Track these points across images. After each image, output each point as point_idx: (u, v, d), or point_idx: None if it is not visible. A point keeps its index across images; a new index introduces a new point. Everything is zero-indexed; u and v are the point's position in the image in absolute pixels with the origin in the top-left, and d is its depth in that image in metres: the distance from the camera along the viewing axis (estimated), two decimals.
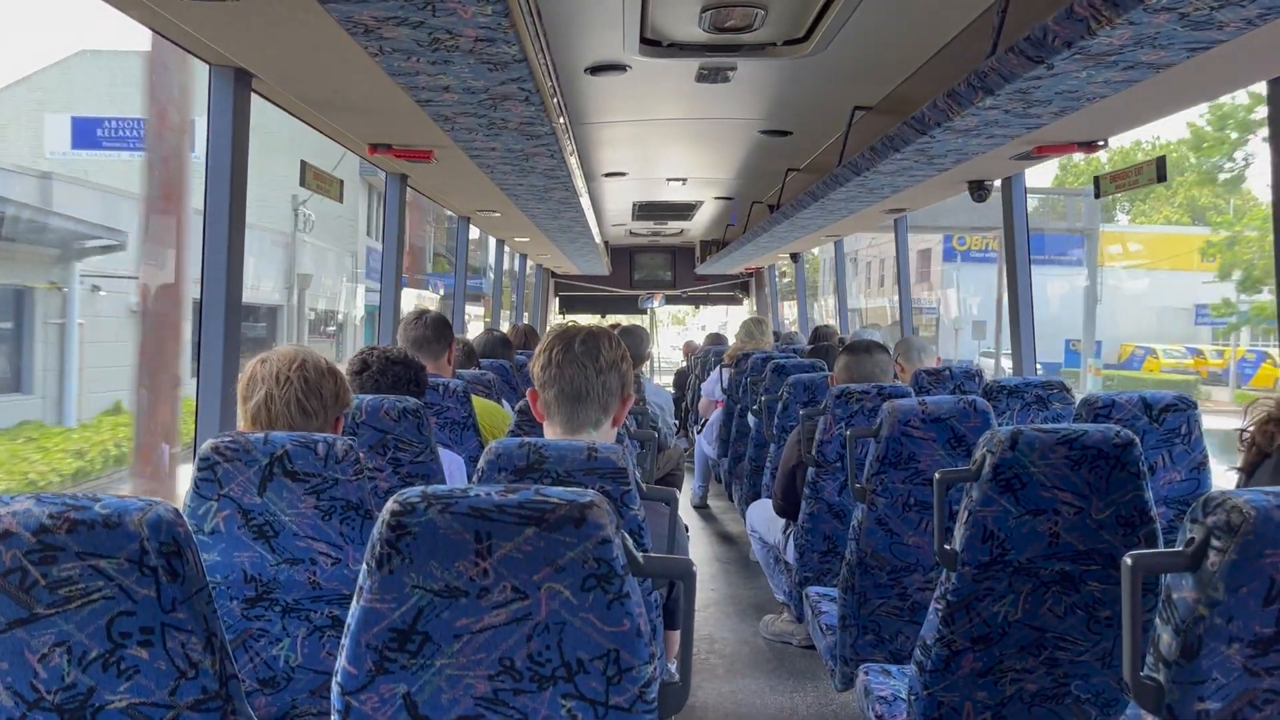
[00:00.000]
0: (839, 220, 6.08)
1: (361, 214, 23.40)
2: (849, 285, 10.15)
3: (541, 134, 3.31)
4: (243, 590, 1.89)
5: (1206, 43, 2.14)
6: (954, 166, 3.83)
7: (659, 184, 6.95)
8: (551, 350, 2.05)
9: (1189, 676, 1.18)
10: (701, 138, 5.25)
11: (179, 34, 2.49)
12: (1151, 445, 2.80)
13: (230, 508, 1.85)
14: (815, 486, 3.33)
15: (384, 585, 1.22)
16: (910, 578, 2.72)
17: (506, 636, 1.23)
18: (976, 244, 31.65)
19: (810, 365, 4.95)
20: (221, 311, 2.81)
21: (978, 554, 1.87)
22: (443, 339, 3.61)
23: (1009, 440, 1.84)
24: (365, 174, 20.42)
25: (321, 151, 4.88)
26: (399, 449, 2.59)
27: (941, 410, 2.65)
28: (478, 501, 1.22)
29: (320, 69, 2.71)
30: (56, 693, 1.16)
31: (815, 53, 3.37)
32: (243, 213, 2.89)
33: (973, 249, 31.71)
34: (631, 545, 1.26)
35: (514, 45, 2.26)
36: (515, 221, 6.39)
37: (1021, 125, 3.04)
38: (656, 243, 10.99)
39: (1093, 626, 1.93)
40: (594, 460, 1.81)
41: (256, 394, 2.03)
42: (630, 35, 3.27)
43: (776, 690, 3.59)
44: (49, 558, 1.13)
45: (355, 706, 1.24)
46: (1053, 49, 2.23)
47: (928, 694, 1.97)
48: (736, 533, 6.18)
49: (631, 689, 1.25)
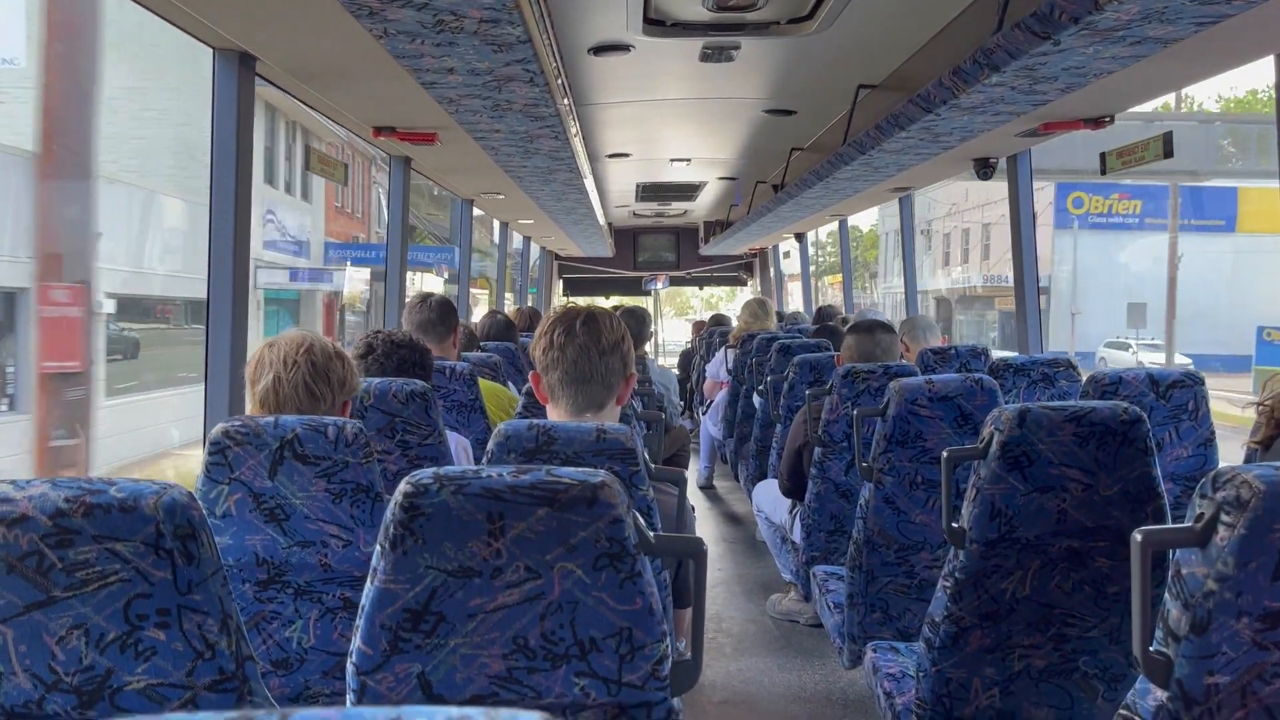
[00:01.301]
0: (844, 200, 6.06)
1: (259, 153, 16.41)
2: (917, 261, 7.29)
3: (546, 115, 3.30)
4: (255, 573, 1.91)
5: (1214, 17, 2.13)
6: (959, 144, 3.82)
7: (662, 165, 6.93)
8: (553, 333, 2.05)
9: (1198, 651, 1.18)
10: (705, 117, 5.23)
11: (183, 17, 2.48)
12: (1159, 421, 2.80)
13: (241, 491, 1.86)
14: (822, 466, 3.34)
15: (398, 566, 1.23)
16: (918, 556, 2.73)
17: (520, 616, 1.24)
18: (1096, 206, 25.86)
19: (815, 345, 4.95)
20: (229, 296, 2.82)
21: (986, 531, 1.88)
22: (447, 322, 3.61)
23: (1016, 418, 1.85)
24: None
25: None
26: (407, 432, 2.60)
27: (949, 388, 2.65)
28: (490, 482, 1.22)
29: (324, 52, 2.71)
30: (75, 674, 1.18)
31: (819, 31, 3.35)
32: (248, 197, 2.89)
33: (1092, 212, 26.03)
34: (643, 524, 1.27)
35: (519, 26, 2.25)
36: (519, 204, 6.38)
37: (1027, 102, 3.03)
38: (660, 224, 10.97)
39: (1100, 602, 1.93)
40: (603, 441, 1.82)
41: (264, 378, 2.04)
42: (634, 15, 3.25)
43: (784, 668, 3.61)
44: (66, 541, 1.14)
45: (370, 686, 1.25)
46: (1059, 25, 2.21)
47: (936, 670, 1.98)
48: (743, 513, 6.20)
49: (644, 666, 1.26)
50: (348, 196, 23.46)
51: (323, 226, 21.25)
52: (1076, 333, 25.28)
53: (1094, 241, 26.15)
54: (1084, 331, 25.55)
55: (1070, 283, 26.13)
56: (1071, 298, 25.94)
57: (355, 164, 21.74)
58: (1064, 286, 26.34)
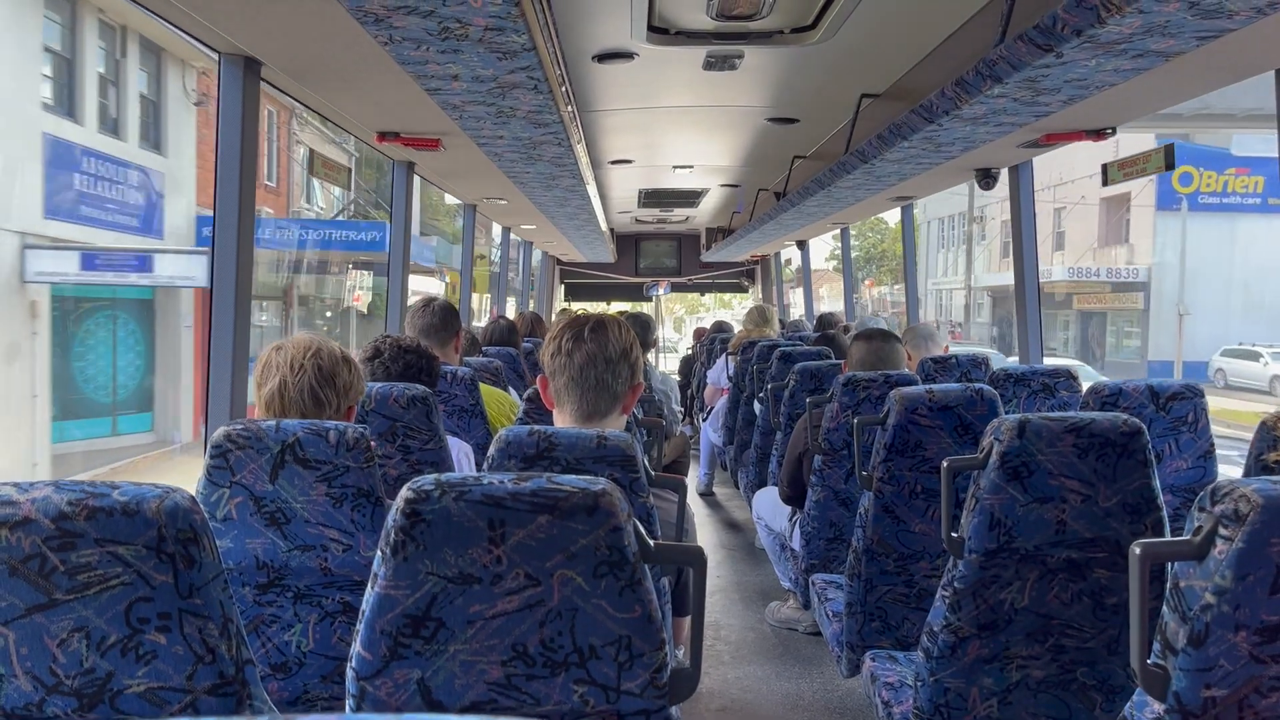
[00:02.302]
0: (846, 208, 6.07)
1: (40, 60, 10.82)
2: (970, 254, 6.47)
3: (549, 122, 3.31)
4: (255, 577, 1.91)
5: (1215, 31, 2.14)
6: (961, 154, 3.83)
7: (665, 171, 6.95)
8: (562, 338, 2.06)
9: (1195, 664, 1.19)
10: (708, 125, 5.24)
11: (189, 22, 2.49)
12: (1159, 433, 2.80)
13: (242, 495, 1.86)
14: (822, 474, 3.34)
15: (398, 572, 1.23)
16: (917, 565, 2.73)
17: (519, 623, 1.24)
18: (1208, 184, 19.88)
19: (817, 353, 4.96)
20: (231, 299, 2.82)
21: (985, 541, 1.88)
22: (450, 327, 3.62)
23: (1016, 428, 1.85)
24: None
25: None
26: (408, 436, 2.61)
27: (949, 398, 2.65)
28: (491, 489, 1.23)
29: (329, 57, 2.72)
30: (75, 677, 1.18)
31: (823, 40, 3.36)
32: (252, 201, 2.90)
33: (1203, 190, 20.20)
34: (643, 532, 1.28)
35: (523, 34, 2.26)
36: (522, 209, 6.39)
37: (1030, 113, 3.04)
38: (662, 230, 10.99)
39: (1099, 614, 1.93)
40: (603, 448, 1.82)
41: (271, 381, 2.04)
42: (638, 23, 3.26)
43: (782, 676, 3.61)
44: (68, 544, 1.15)
45: (370, 691, 1.26)
46: (1062, 37, 2.22)
47: (934, 680, 1.98)
48: (742, 520, 6.20)
49: (643, 674, 1.26)
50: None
51: (193, 193, 14.84)
52: (1184, 336, 20.65)
53: (1206, 226, 20.90)
54: (1191, 334, 20.93)
55: (1177, 277, 21.13)
56: (1178, 295, 21.17)
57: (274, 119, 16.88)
58: (1169, 282, 21.27)
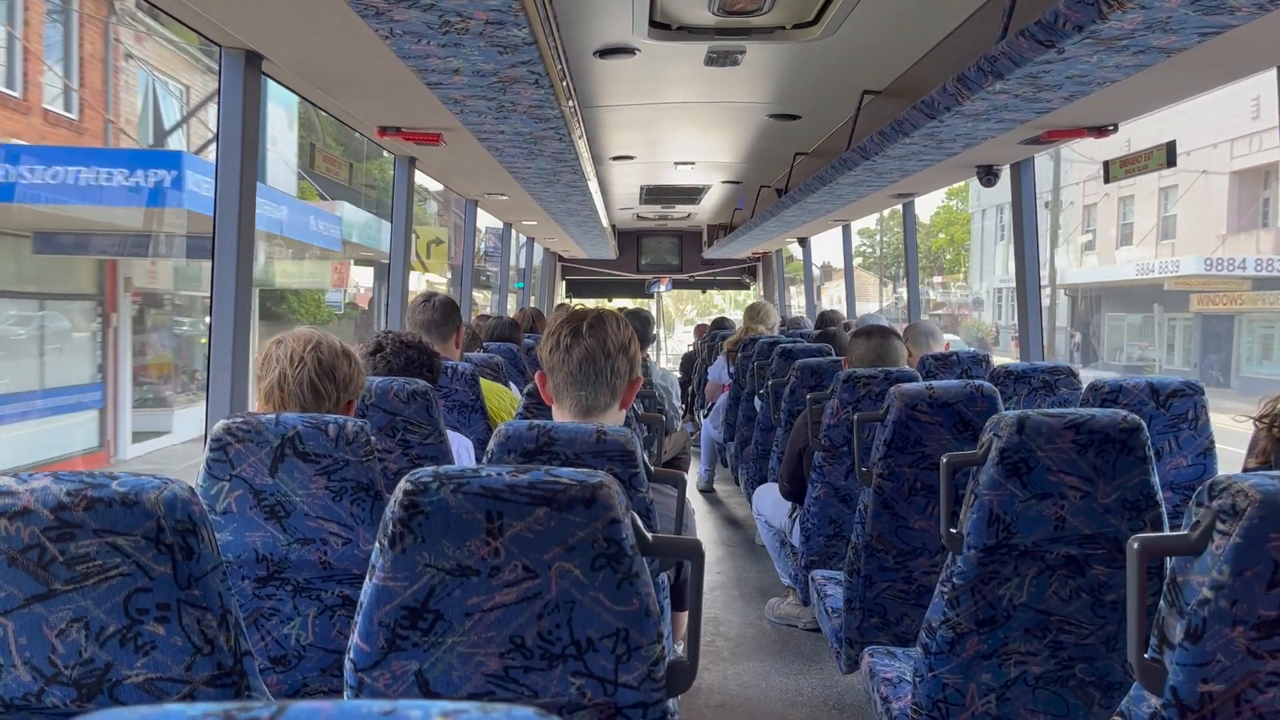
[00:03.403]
0: (847, 204, 6.07)
1: None
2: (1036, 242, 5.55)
3: (550, 117, 3.31)
4: (254, 570, 1.91)
5: (1218, 27, 2.13)
6: (963, 151, 3.82)
7: (667, 168, 6.94)
8: (560, 333, 2.06)
9: (1193, 659, 1.19)
10: (710, 121, 5.24)
11: (190, 15, 2.49)
12: (1158, 430, 2.80)
13: (242, 488, 1.87)
14: (822, 470, 3.34)
15: (396, 564, 1.23)
16: (916, 561, 2.73)
17: (517, 615, 1.25)
18: None
19: (817, 350, 4.96)
20: (232, 293, 2.82)
21: (984, 538, 1.88)
22: (450, 322, 3.63)
23: (1016, 424, 1.85)
24: None
25: None
26: (408, 431, 2.61)
27: (949, 395, 2.65)
28: (489, 481, 1.23)
29: (331, 51, 2.72)
30: (74, 667, 1.18)
31: (824, 36, 3.36)
32: (253, 194, 2.90)
33: None
34: (641, 525, 1.28)
35: (524, 28, 2.26)
36: (523, 204, 6.39)
37: (1031, 110, 3.03)
38: (664, 226, 10.98)
39: (1098, 610, 1.94)
40: (603, 443, 1.82)
41: (271, 374, 2.05)
42: (639, 18, 3.26)
43: (782, 672, 3.61)
44: (67, 534, 1.15)
45: (368, 683, 1.26)
46: (1064, 33, 2.22)
47: (933, 676, 1.99)
48: (742, 516, 6.20)
49: (640, 667, 1.26)
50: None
51: None
52: None
53: None
54: None
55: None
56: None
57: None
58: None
